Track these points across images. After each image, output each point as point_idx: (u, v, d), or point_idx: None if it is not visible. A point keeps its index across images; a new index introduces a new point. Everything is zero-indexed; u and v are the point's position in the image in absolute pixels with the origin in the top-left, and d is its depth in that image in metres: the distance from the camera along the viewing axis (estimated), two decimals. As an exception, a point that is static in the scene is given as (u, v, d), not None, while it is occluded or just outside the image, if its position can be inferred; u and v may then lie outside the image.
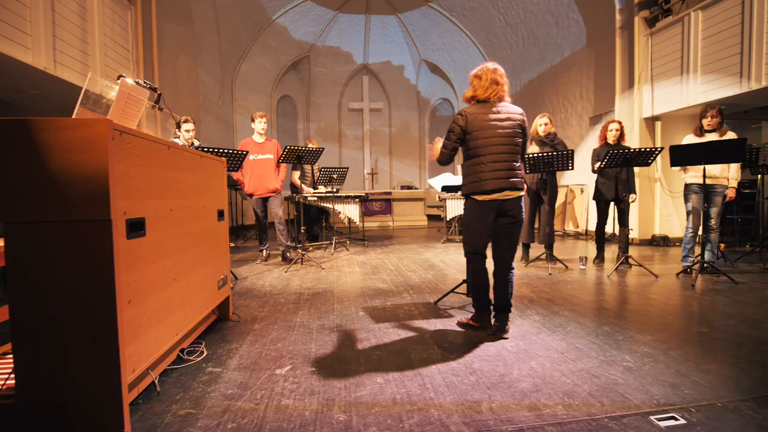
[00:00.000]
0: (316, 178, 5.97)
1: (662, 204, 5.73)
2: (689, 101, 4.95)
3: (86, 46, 3.74)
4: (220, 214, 2.48)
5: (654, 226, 5.80)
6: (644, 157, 3.71)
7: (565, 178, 7.48)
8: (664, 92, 5.39)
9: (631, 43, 5.71)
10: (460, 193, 2.29)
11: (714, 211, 3.73)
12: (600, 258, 4.42)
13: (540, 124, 4.06)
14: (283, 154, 4.14)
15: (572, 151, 3.75)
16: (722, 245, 5.39)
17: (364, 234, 6.72)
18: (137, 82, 2.04)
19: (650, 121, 5.72)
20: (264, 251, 4.89)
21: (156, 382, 1.71)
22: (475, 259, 2.34)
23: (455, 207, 5.83)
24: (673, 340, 2.16)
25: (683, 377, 1.74)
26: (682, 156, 3.51)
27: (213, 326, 2.53)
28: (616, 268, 3.95)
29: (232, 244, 6.41)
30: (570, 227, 7.23)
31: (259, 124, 4.58)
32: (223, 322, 2.61)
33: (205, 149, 3.46)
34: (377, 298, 3.12)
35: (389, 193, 9.86)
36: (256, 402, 1.60)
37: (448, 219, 6.03)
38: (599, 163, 3.94)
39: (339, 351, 2.10)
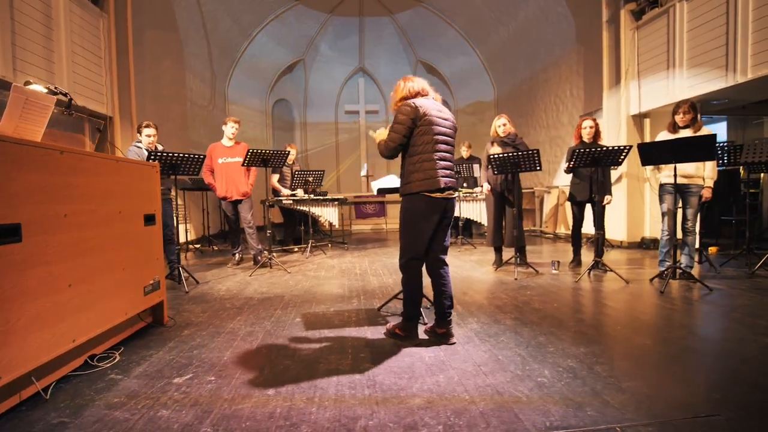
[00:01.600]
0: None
1: (652, 205, 5.45)
2: (676, 96, 4.69)
3: (51, 54, 3.81)
4: (148, 218, 2.46)
5: (644, 228, 5.53)
6: (613, 156, 3.52)
7: (557, 179, 7.24)
8: (651, 88, 5.13)
9: (618, 38, 5.48)
10: (399, 193, 2.25)
11: (690, 213, 3.50)
12: (576, 262, 4.22)
13: (498, 125, 3.90)
14: (246, 157, 4.12)
15: (538, 150, 3.61)
16: (714, 248, 5.09)
17: (344, 237, 6.66)
18: (48, 88, 2.04)
19: (638, 119, 5.46)
20: (236, 255, 4.89)
21: (44, 390, 1.68)
22: (414, 266, 2.26)
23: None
24: (605, 353, 2.01)
25: (595, 396, 1.61)
26: (651, 154, 3.31)
27: (144, 331, 2.51)
28: (588, 273, 3.76)
29: (215, 248, 6.45)
30: (561, 230, 6.99)
31: (230, 129, 4.59)
32: (156, 327, 2.58)
33: (161, 154, 3.47)
34: (324, 304, 3.05)
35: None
36: (133, 412, 1.55)
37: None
38: (568, 163, 3.76)
39: (250, 359, 2.04)
